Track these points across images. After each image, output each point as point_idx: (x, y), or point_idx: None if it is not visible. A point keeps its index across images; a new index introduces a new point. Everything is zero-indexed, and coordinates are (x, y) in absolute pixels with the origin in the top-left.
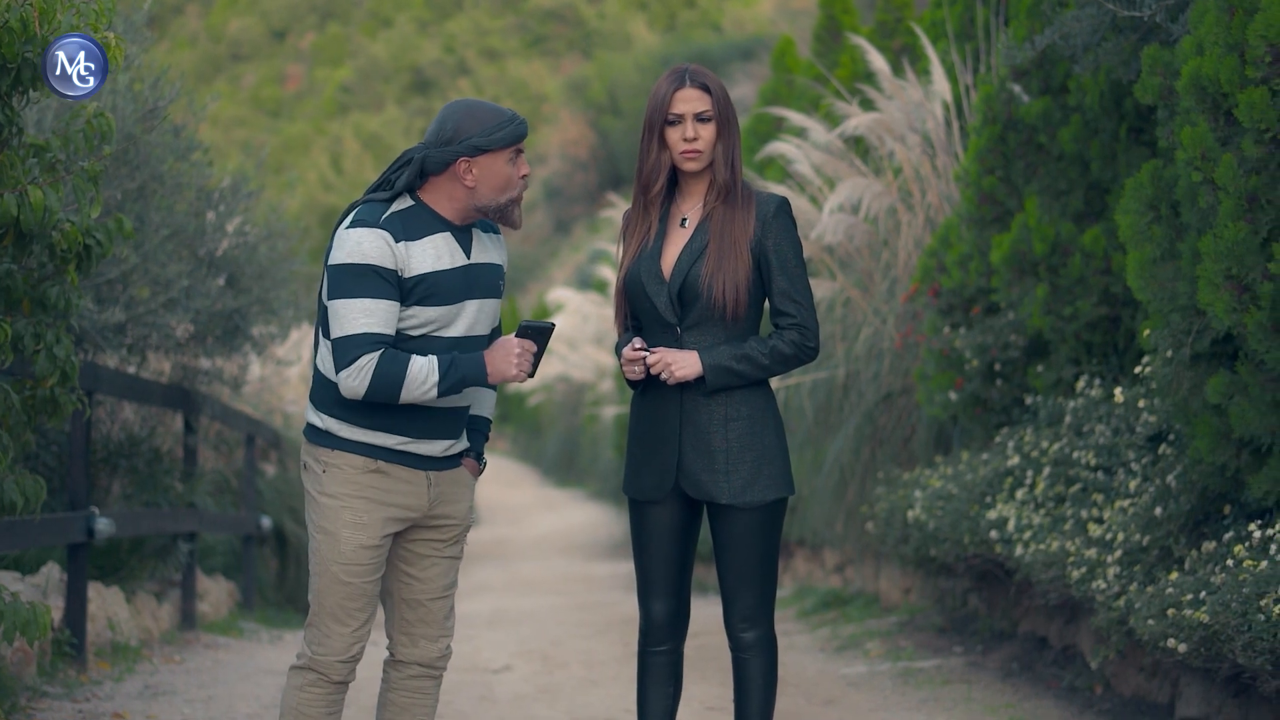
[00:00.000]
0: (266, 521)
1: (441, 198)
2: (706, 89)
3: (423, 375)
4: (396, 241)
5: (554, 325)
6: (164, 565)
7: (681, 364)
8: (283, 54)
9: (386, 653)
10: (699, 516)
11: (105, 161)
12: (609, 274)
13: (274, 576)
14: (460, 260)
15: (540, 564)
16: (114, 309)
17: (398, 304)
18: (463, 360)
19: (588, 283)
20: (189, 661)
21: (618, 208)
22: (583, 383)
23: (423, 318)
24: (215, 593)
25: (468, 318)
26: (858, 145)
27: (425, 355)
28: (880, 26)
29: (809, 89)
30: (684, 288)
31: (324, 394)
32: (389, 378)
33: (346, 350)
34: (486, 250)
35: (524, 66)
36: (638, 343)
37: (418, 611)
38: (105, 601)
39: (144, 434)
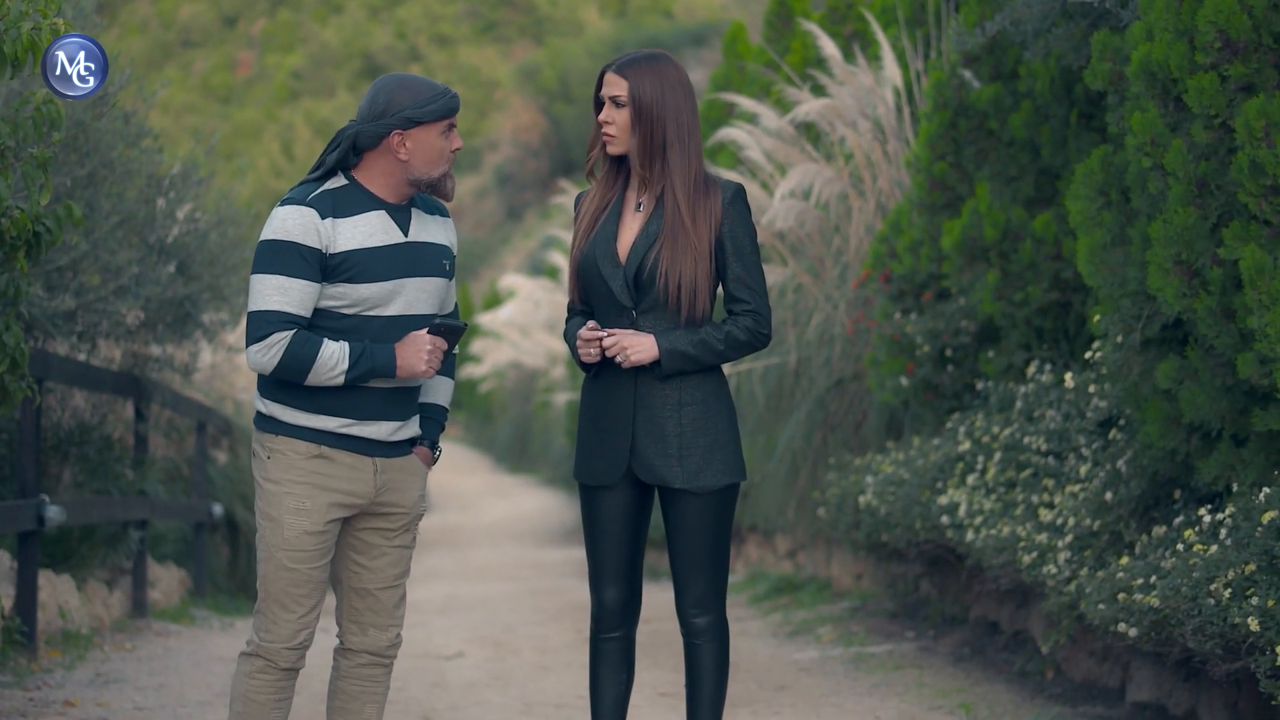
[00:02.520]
0: (218, 509)
1: (375, 174)
2: (625, 77)
3: (332, 361)
4: (323, 218)
5: (466, 326)
6: (115, 553)
7: (638, 347)
8: (233, 40)
9: (337, 641)
10: (650, 502)
11: (55, 148)
12: (561, 260)
13: (225, 564)
14: (395, 238)
15: (492, 550)
16: (64, 296)
17: (316, 285)
18: (375, 350)
19: (539, 269)
20: (140, 649)
21: (569, 194)
22: (535, 369)
23: (354, 296)
24: (167, 580)
25: (406, 297)
26: (809, 131)
27: (349, 338)
28: (831, 12)
29: (760, 75)
30: (639, 273)
31: (268, 380)
32: (299, 359)
33: (257, 325)
34: (428, 229)
35: (475, 53)
36: (593, 324)
37: (367, 600)
38: (56, 589)
39: (95, 421)
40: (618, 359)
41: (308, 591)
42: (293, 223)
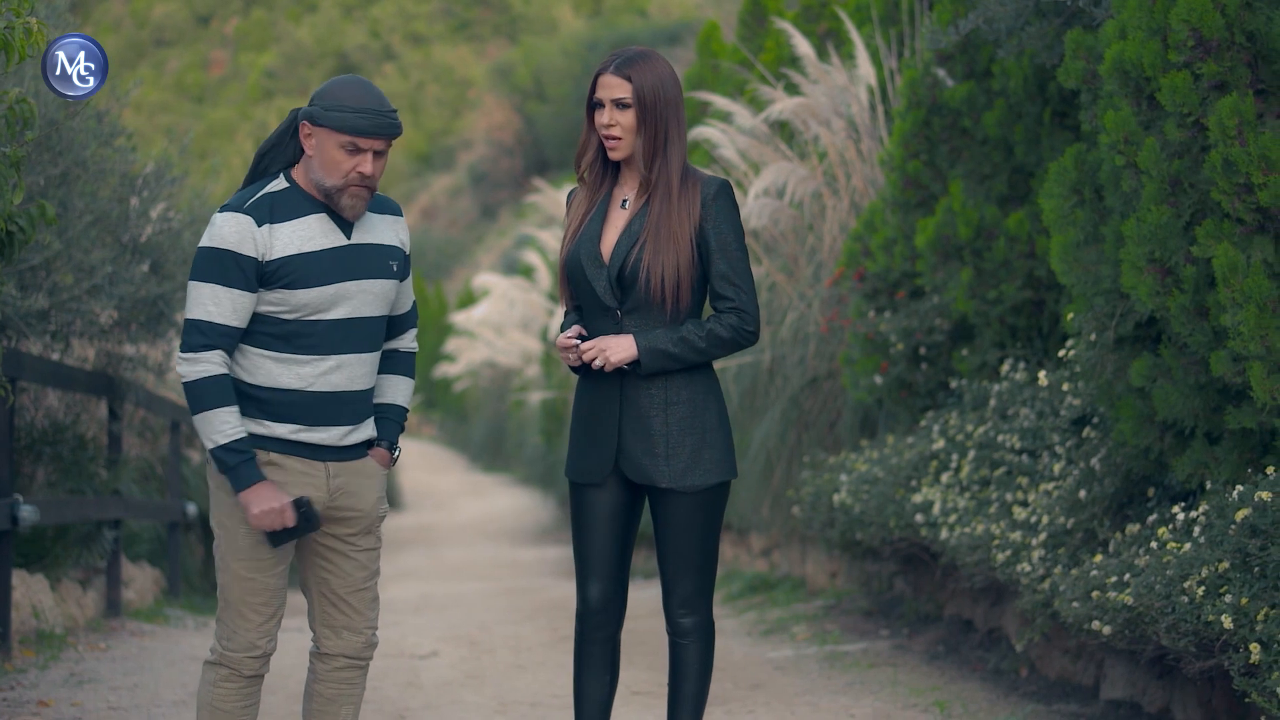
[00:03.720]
0: (192, 508)
1: (303, 173)
2: (629, 78)
3: (217, 426)
4: (260, 225)
5: (317, 528)
6: (89, 553)
7: (616, 349)
8: (207, 39)
9: (312, 644)
10: (640, 501)
11: (27, 147)
12: (535, 259)
13: (199, 563)
14: (337, 241)
15: (467, 549)
16: (37, 295)
17: (250, 294)
18: (245, 469)
19: (514, 268)
20: (114, 649)
21: (543, 193)
22: (509, 368)
23: (295, 302)
24: (141, 580)
25: (351, 301)
26: (783, 130)
27: (292, 344)
28: (805, 11)
29: (734, 74)
30: (622, 273)
31: None
32: (202, 399)
33: (189, 334)
34: (374, 231)
35: (449, 51)
36: (573, 330)
37: (338, 605)
38: (30, 589)
39: (68, 421)
40: (596, 364)
41: (266, 599)
42: (229, 230)
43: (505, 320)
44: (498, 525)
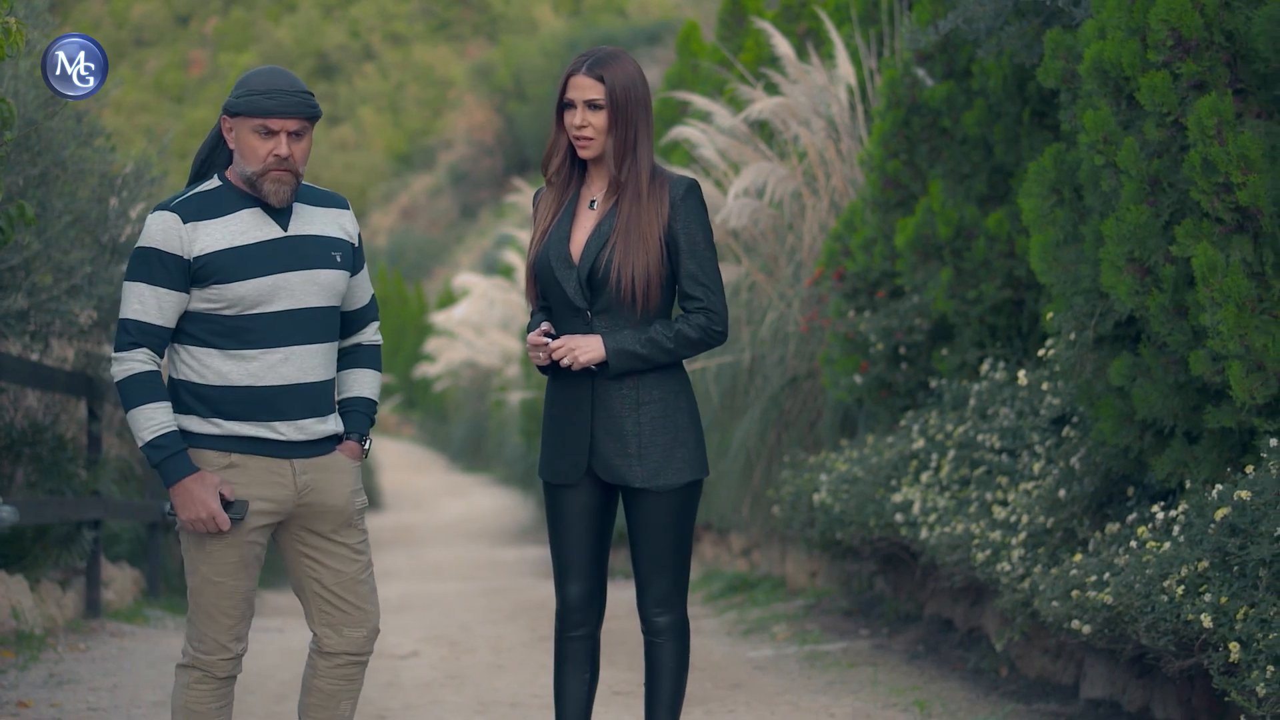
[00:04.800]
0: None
1: (235, 170)
2: (601, 79)
3: (143, 423)
4: (185, 222)
5: (242, 519)
6: (69, 553)
7: (585, 349)
8: (186, 39)
9: (312, 642)
10: (614, 500)
11: (6, 148)
12: (515, 259)
13: (179, 564)
14: (272, 233)
15: (447, 549)
16: (16, 296)
17: (177, 293)
18: (173, 461)
19: (494, 268)
20: (94, 649)
21: (523, 193)
22: (489, 368)
23: (231, 296)
24: (120, 580)
25: (292, 292)
26: (762, 130)
27: (236, 339)
28: (785, 11)
29: (714, 73)
30: (592, 273)
31: (173, 389)
32: (130, 397)
33: (119, 333)
34: (313, 223)
35: (429, 51)
36: (543, 328)
37: (334, 602)
38: (9, 590)
39: (47, 421)
40: (565, 362)
41: (235, 603)
42: (156, 229)
43: (485, 320)
44: (478, 525)
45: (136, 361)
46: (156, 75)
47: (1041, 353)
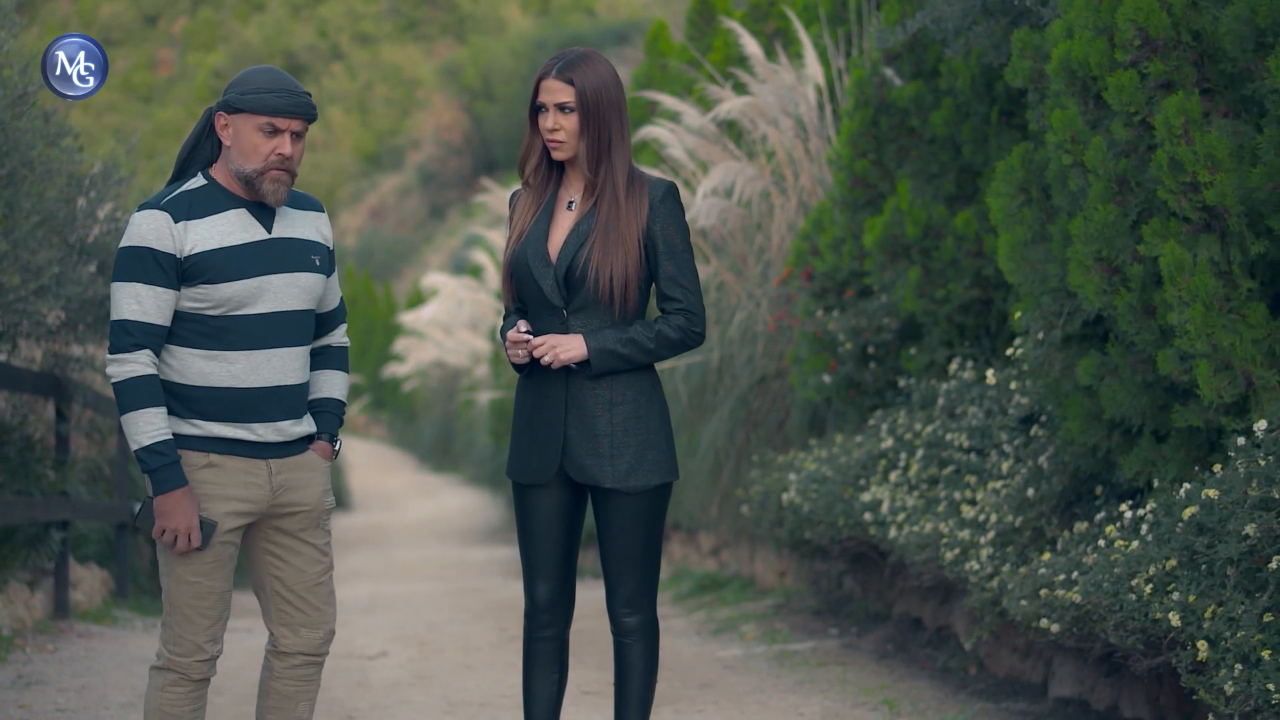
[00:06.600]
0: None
1: (222, 168)
2: (571, 82)
3: (141, 427)
4: (176, 221)
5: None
6: (36, 554)
7: (566, 347)
8: (154, 39)
9: (269, 644)
10: (584, 500)
11: None
12: (483, 259)
13: (148, 565)
14: (257, 235)
15: (416, 550)
16: None
17: (172, 291)
18: (168, 470)
19: (462, 268)
20: (62, 650)
21: (492, 193)
22: (458, 368)
23: (218, 296)
24: (89, 581)
25: (273, 294)
26: (731, 129)
27: (221, 340)
28: (753, 10)
29: (682, 73)
30: (570, 272)
31: None
32: (129, 400)
33: (116, 334)
34: (294, 225)
35: (398, 51)
36: (523, 326)
37: (294, 602)
38: None
39: (15, 422)
40: (546, 359)
41: (211, 603)
42: (147, 228)
43: (454, 320)
44: (447, 525)
45: (139, 364)
46: (124, 75)
47: (1010, 352)
